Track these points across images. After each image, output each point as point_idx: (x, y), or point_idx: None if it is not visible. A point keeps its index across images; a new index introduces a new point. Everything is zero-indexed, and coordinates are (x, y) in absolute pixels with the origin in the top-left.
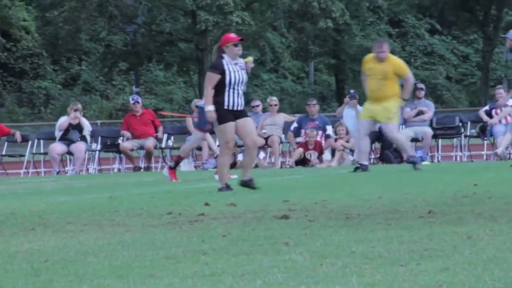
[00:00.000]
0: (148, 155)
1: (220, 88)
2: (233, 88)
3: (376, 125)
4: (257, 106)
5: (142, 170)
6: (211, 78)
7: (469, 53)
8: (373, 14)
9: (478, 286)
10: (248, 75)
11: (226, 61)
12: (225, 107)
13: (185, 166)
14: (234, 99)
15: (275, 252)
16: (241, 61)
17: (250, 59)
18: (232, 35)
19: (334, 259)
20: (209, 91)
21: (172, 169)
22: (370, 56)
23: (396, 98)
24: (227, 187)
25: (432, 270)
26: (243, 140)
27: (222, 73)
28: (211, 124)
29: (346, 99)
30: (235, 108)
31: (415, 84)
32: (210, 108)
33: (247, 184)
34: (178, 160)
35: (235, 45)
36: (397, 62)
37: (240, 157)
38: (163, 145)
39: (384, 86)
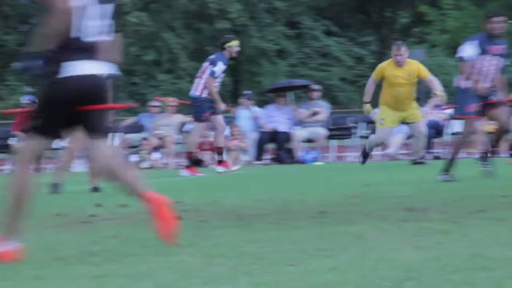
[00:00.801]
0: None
1: None
2: None
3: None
4: (154, 106)
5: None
6: None
7: (364, 55)
8: (271, 15)
9: (366, 285)
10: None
11: None
12: None
13: (78, 166)
14: None
15: (166, 253)
16: None
17: (235, 43)
18: None
19: (224, 260)
20: None
21: (190, 167)
22: (387, 62)
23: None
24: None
25: (321, 269)
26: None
27: None
28: (209, 114)
29: (242, 100)
30: None
31: (310, 85)
32: None
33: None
34: (190, 157)
35: None
36: (419, 65)
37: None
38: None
39: (408, 93)
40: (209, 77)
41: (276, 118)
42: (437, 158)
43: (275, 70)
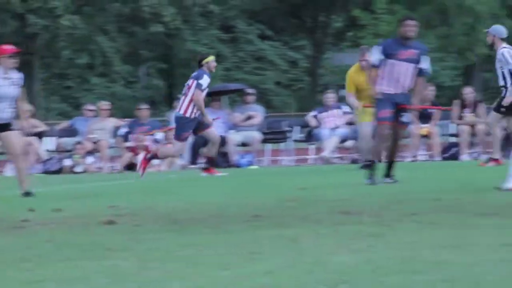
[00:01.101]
0: None
1: None
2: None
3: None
4: (90, 110)
5: None
6: None
7: (298, 59)
8: (205, 19)
9: None
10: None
11: None
12: None
13: (11, 171)
14: None
15: (100, 257)
16: (15, 74)
17: (211, 58)
18: (7, 46)
19: (159, 264)
20: None
21: (207, 169)
22: (354, 68)
23: None
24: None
25: (256, 273)
26: (8, 152)
27: None
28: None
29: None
30: None
31: (245, 89)
32: None
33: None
34: (210, 160)
35: (10, 57)
36: None
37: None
38: None
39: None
40: (197, 90)
41: None
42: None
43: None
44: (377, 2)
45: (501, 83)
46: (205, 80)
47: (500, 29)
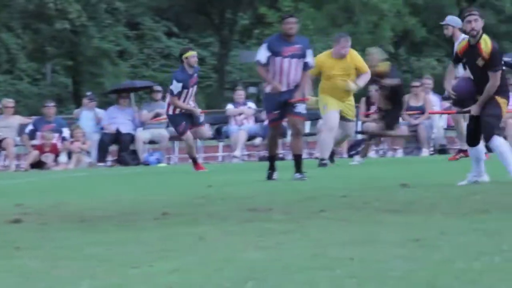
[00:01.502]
0: None
1: None
2: None
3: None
4: None
5: None
6: None
7: (206, 56)
8: (111, 16)
9: (209, 286)
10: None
11: None
12: None
13: None
14: None
15: (7, 256)
16: None
17: (191, 53)
18: None
19: (68, 262)
20: None
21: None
22: (325, 54)
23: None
24: None
25: (165, 271)
26: None
27: None
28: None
29: (85, 101)
30: None
31: (152, 87)
32: None
33: None
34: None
35: None
36: (359, 57)
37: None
38: None
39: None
40: (170, 96)
41: (119, 119)
42: (282, 159)
43: (117, 71)
44: (283, 0)
45: (460, 73)
46: (175, 86)
47: (456, 19)
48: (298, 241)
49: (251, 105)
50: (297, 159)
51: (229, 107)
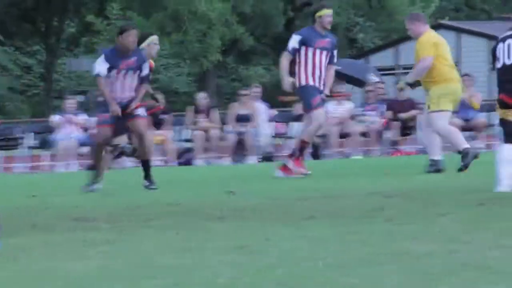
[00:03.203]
0: None
1: None
2: None
3: None
4: None
5: None
6: None
7: (32, 64)
8: None
9: None
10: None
11: None
12: None
13: None
14: None
15: None
16: None
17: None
18: None
19: None
20: None
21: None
22: None
23: None
24: None
25: None
26: None
27: None
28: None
29: None
30: None
31: None
32: None
33: None
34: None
35: None
36: None
37: None
38: None
39: None
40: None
41: None
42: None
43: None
44: (110, 8)
45: None
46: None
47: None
48: (123, 250)
49: (82, 115)
50: (144, 165)
51: (55, 117)
